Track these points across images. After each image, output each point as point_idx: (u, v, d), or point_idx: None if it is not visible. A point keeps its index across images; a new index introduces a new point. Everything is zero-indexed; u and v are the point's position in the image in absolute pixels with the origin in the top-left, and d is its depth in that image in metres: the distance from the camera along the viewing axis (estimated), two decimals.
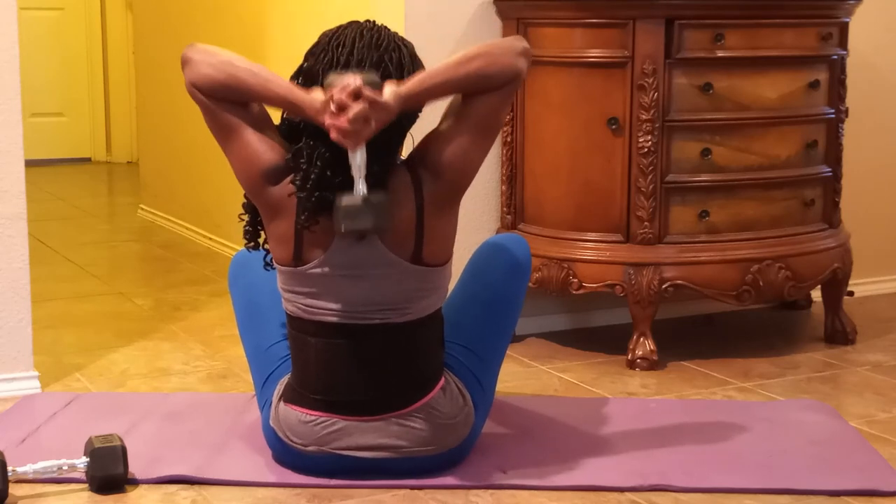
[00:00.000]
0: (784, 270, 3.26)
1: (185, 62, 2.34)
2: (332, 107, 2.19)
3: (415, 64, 2.34)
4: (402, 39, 2.35)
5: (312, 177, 2.26)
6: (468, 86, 2.30)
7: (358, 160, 2.22)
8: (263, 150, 2.32)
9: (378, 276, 2.32)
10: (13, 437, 2.61)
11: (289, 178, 2.30)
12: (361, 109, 2.18)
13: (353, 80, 2.19)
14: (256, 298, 2.63)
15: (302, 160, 2.28)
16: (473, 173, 2.36)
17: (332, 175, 2.26)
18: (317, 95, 2.23)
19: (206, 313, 3.85)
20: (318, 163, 2.26)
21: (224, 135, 2.35)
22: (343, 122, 2.18)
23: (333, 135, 2.20)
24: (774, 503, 2.33)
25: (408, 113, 2.32)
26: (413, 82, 2.27)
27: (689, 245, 3.21)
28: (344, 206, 2.22)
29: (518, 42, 2.36)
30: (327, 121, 2.20)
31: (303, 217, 2.28)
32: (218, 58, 2.31)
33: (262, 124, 2.35)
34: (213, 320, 3.75)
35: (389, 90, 2.23)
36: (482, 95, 2.31)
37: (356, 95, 2.18)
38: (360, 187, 2.22)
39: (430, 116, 2.42)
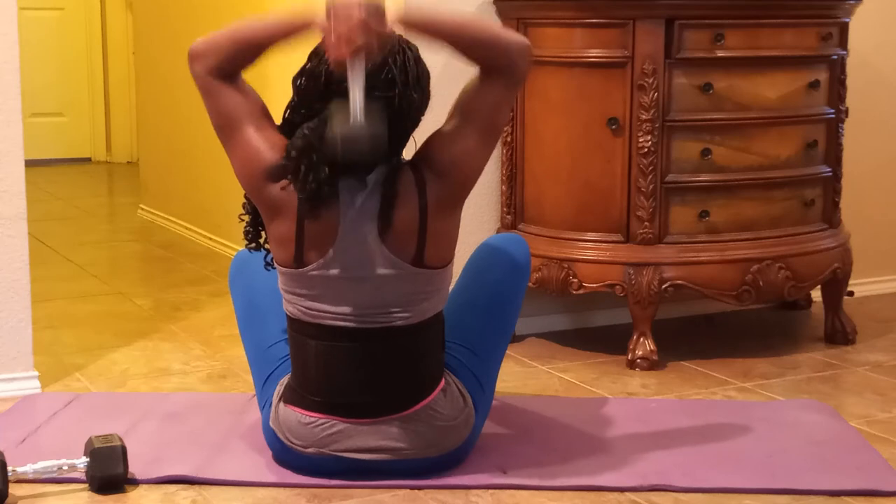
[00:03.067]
0: (784, 270, 3.26)
1: (191, 57, 2.34)
2: (332, 23, 2.13)
3: (419, 67, 2.33)
4: (407, 42, 2.35)
5: (311, 175, 2.24)
6: (474, 45, 2.26)
7: (357, 80, 2.14)
8: (265, 148, 2.32)
9: (379, 278, 2.32)
10: (13, 437, 2.61)
11: (288, 178, 2.29)
12: (362, 30, 2.12)
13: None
14: (257, 298, 2.62)
15: (301, 159, 2.26)
16: (477, 174, 2.36)
17: (329, 171, 2.25)
18: (316, 10, 2.18)
19: (206, 313, 3.85)
20: (308, 146, 2.24)
21: (227, 131, 2.35)
22: (342, 40, 2.13)
23: (330, 52, 2.16)
24: (774, 503, 2.33)
25: (411, 114, 2.32)
26: (422, 12, 2.25)
27: (689, 245, 3.21)
28: (340, 133, 2.14)
29: (526, 42, 2.34)
30: (325, 38, 2.16)
31: (306, 208, 2.26)
32: (215, 34, 2.33)
33: (263, 123, 2.35)
34: (213, 320, 3.74)
35: (394, 12, 2.19)
36: (485, 92, 2.30)
37: (358, 12, 2.12)
38: (358, 112, 2.14)
39: (433, 118, 2.42)
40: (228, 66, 2.33)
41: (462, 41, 2.27)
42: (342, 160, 2.18)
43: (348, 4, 2.14)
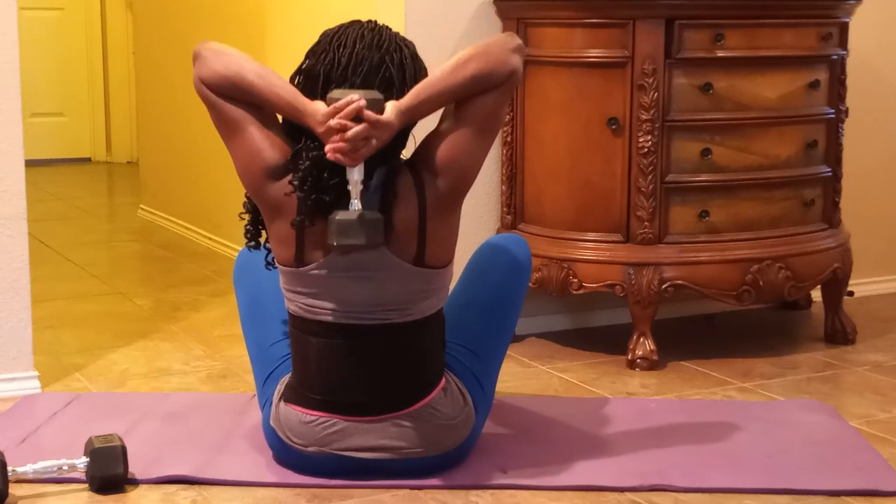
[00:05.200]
0: (784, 270, 3.26)
1: (196, 57, 2.35)
2: (332, 124, 2.20)
3: (416, 65, 2.34)
4: (404, 40, 2.35)
5: (310, 179, 2.26)
6: (467, 90, 2.30)
7: (355, 176, 2.24)
8: (266, 147, 2.32)
9: (380, 277, 2.32)
10: (13, 437, 2.61)
11: (288, 178, 2.30)
12: (361, 130, 2.19)
13: (354, 99, 2.20)
14: (260, 296, 2.63)
15: (301, 161, 2.28)
16: (475, 174, 2.36)
17: (328, 177, 2.26)
18: (319, 107, 2.24)
19: (206, 313, 3.85)
20: (316, 165, 2.26)
21: (228, 130, 2.35)
22: (340, 141, 2.19)
23: (330, 154, 2.21)
24: (774, 503, 2.33)
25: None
26: (411, 96, 2.27)
27: (689, 245, 3.21)
28: (338, 220, 2.24)
29: (511, 39, 2.35)
30: (325, 140, 2.22)
31: (299, 219, 2.28)
32: (228, 57, 2.32)
33: (265, 121, 2.35)
34: (213, 320, 3.75)
35: (391, 107, 2.24)
36: (484, 97, 2.32)
37: (357, 117, 2.19)
38: (356, 204, 2.24)
39: (433, 117, 2.42)
40: (220, 91, 2.33)
41: (463, 92, 2.30)
42: (337, 245, 2.25)
43: (346, 115, 2.19)
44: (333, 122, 2.20)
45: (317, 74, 2.31)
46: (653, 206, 3.17)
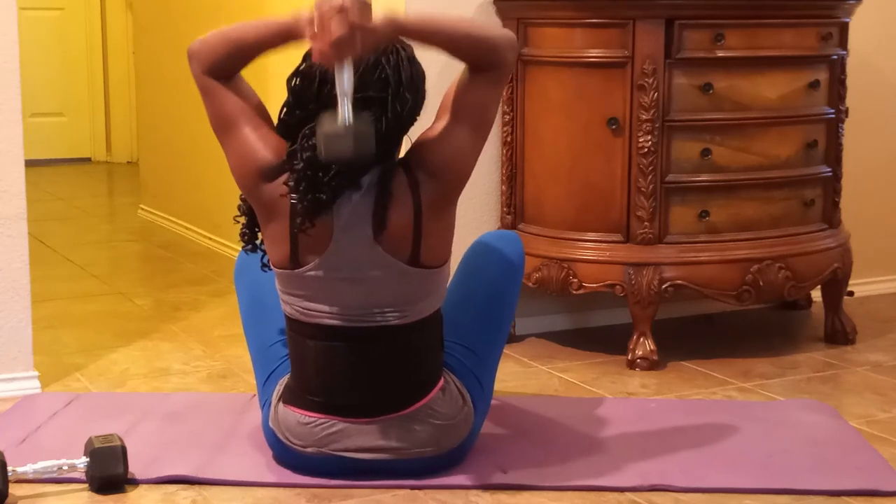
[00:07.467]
0: (784, 270, 3.26)
1: (189, 57, 2.36)
2: (315, 26, 2.13)
3: (413, 68, 2.33)
4: (401, 42, 2.35)
5: (305, 181, 2.25)
6: (463, 47, 2.27)
7: (345, 82, 2.14)
8: (260, 147, 2.32)
9: (375, 278, 2.32)
10: (13, 437, 2.61)
11: (283, 178, 2.29)
12: (345, 31, 2.10)
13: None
14: (261, 296, 2.62)
15: (296, 161, 2.27)
16: (469, 172, 2.36)
17: (324, 176, 2.25)
18: (303, 13, 2.18)
19: (206, 313, 3.85)
20: (311, 166, 2.24)
21: (224, 130, 2.35)
22: (325, 42, 2.12)
23: (315, 55, 2.16)
24: (774, 503, 2.33)
25: (405, 115, 2.32)
26: (414, 16, 2.26)
27: (689, 245, 3.21)
28: (325, 131, 2.14)
29: (513, 35, 2.35)
30: (309, 40, 2.16)
31: (298, 221, 2.27)
32: (210, 36, 2.34)
33: (260, 122, 2.35)
34: (213, 320, 3.74)
35: (384, 14, 2.18)
36: (475, 89, 2.30)
37: (341, 13, 2.10)
38: (345, 113, 2.13)
39: (431, 119, 2.42)
40: (222, 66, 2.33)
41: (452, 42, 2.27)
42: (325, 159, 2.18)
43: (330, 10, 2.12)
44: (317, 14, 2.11)
45: (313, 76, 2.30)
46: (653, 206, 3.17)
